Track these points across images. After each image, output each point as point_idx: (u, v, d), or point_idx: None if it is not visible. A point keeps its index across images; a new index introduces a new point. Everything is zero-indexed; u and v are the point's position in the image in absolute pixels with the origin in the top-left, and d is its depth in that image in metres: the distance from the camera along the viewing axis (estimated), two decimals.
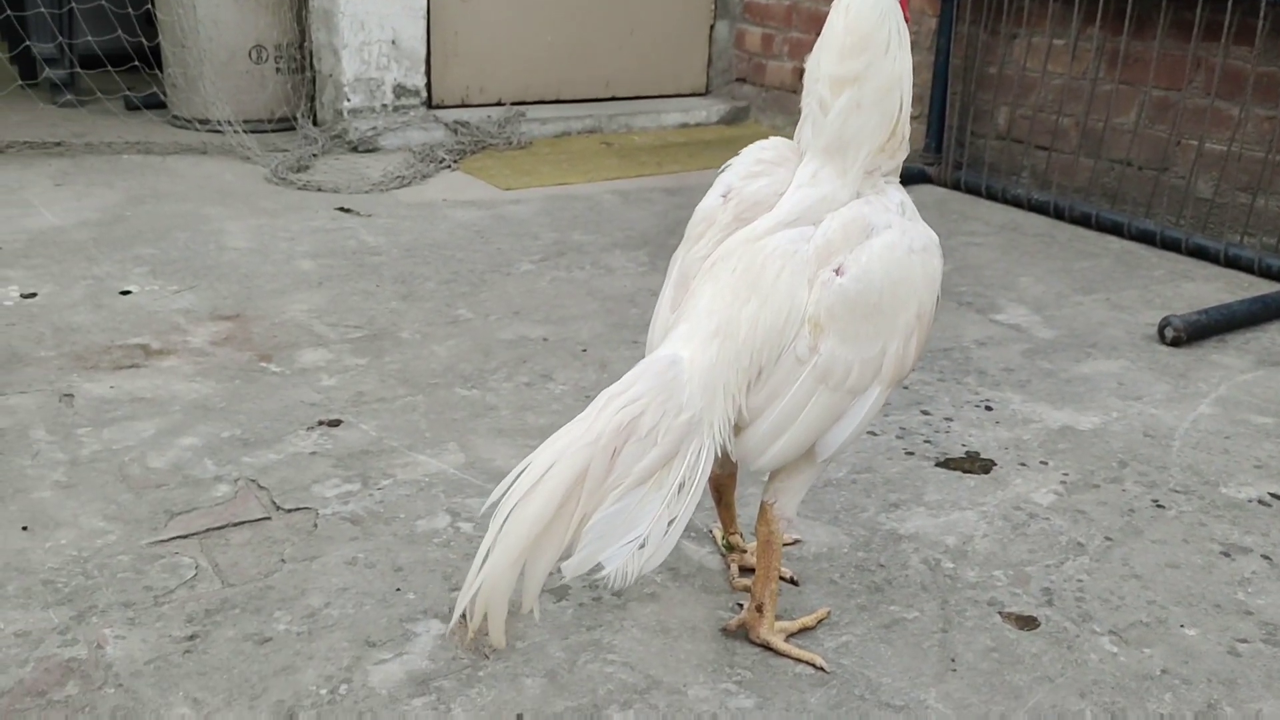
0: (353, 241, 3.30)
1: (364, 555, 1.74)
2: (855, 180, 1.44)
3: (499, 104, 4.87)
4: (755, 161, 1.51)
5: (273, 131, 4.55)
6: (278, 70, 4.60)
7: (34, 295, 2.74)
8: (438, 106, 4.73)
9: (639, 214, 3.72)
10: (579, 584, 1.68)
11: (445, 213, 3.64)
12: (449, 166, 4.23)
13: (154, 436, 2.08)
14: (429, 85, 4.67)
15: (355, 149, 4.38)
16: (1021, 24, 3.96)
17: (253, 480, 1.95)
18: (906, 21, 1.44)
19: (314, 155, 4.23)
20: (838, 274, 1.38)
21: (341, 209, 3.62)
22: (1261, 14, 3.23)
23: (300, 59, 4.64)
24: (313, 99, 4.65)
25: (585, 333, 2.69)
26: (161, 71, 4.71)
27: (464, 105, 4.81)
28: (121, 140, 4.27)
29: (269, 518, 1.84)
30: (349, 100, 4.47)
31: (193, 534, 1.78)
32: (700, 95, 5.39)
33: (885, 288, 1.39)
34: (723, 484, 1.69)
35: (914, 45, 4.29)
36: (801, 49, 4.91)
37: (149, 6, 4.55)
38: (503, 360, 2.51)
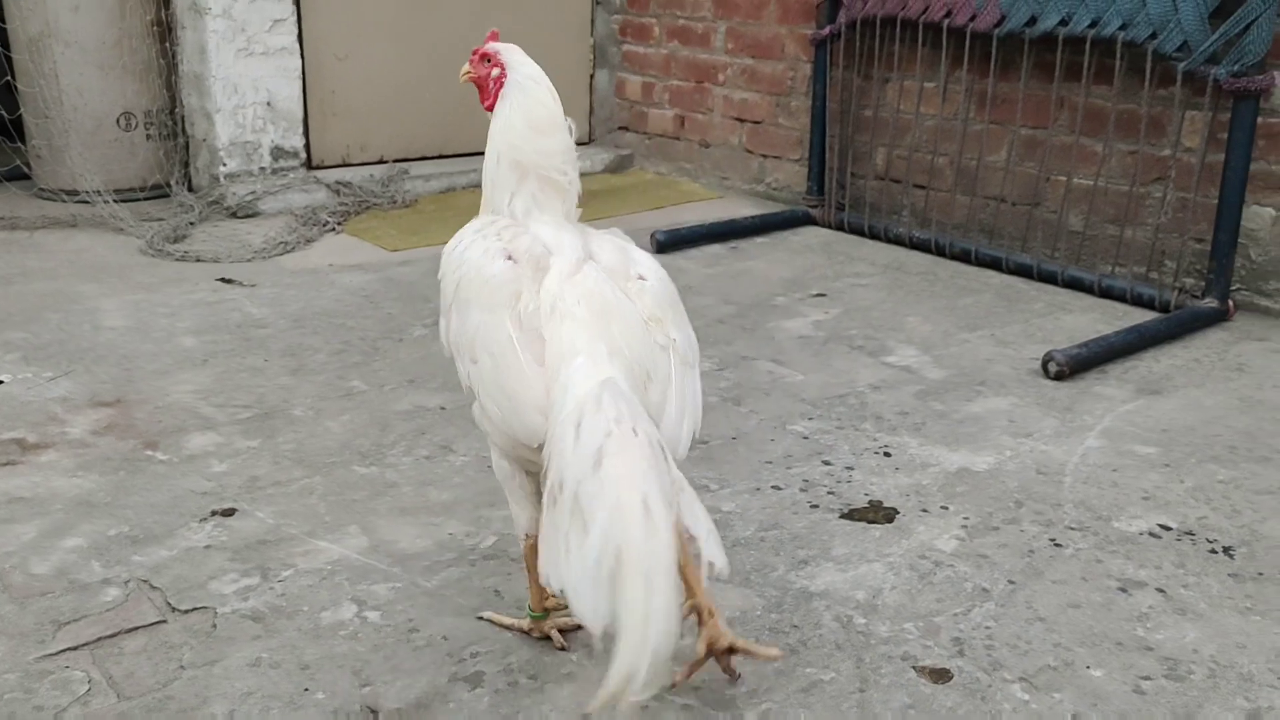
0: (236, 314, 3.21)
1: (268, 655, 1.67)
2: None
3: (381, 162, 4.82)
4: (498, 231, 1.63)
5: (146, 200, 4.41)
6: (148, 137, 4.47)
7: None
8: (318, 167, 4.66)
9: None
10: (494, 669, 1.65)
11: (332, 278, 3.58)
12: (333, 229, 4.16)
13: (35, 540, 1.98)
14: (308, 146, 4.59)
15: (234, 215, 4.27)
16: (893, 68, 4.09)
17: (144, 581, 1.86)
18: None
19: (191, 223, 4.12)
20: (642, 279, 1.60)
21: (223, 279, 3.52)
22: (1118, 54, 3.39)
23: (172, 124, 4.52)
24: (187, 165, 4.53)
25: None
26: (24, 143, 4.53)
27: (345, 164, 4.74)
28: None
29: (164, 620, 1.76)
30: (225, 165, 4.36)
31: (83, 644, 1.69)
32: (585, 144, 5.42)
33: (667, 281, 1.64)
34: None
35: (790, 91, 4.41)
36: (681, 96, 4.98)
37: (7, 78, 4.37)
38: (400, 433, 2.46)
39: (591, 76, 5.38)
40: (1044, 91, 3.68)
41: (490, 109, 1.72)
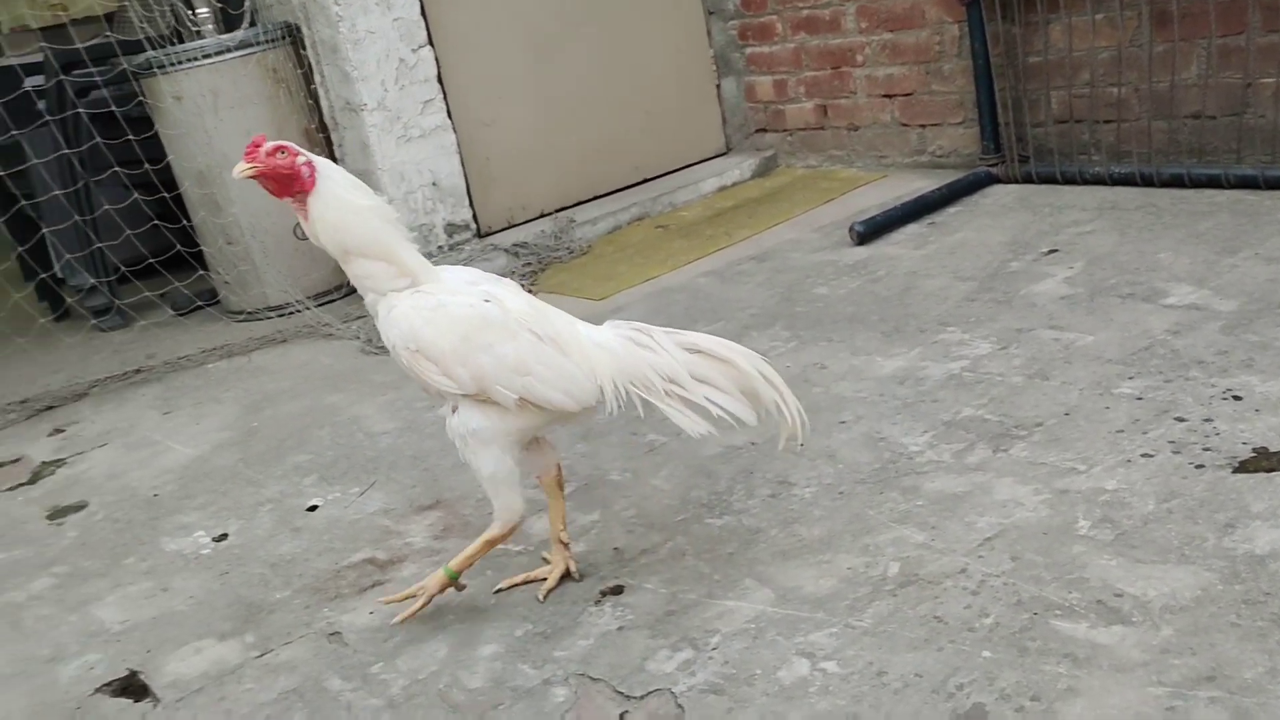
0: None
1: None
2: None
3: (543, 215, 4.84)
4: (444, 290, 1.95)
5: (337, 299, 4.49)
6: None
7: (225, 537, 2.65)
8: (488, 234, 4.70)
9: (745, 291, 3.68)
10: (991, 699, 1.60)
11: None
12: (529, 290, 4.16)
13: (451, 654, 1.99)
14: (475, 216, 4.63)
15: None
16: (1056, 8, 3.98)
17: (581, 674, 1.86)
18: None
19: None
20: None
21: None
22: None
23: None
24: None
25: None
26: (205, 270, 4.65)
27: (510, 226, 4.78)
28: (197, 350, 4.20)
29: (626, 711, 1.75)
30: None
31: None
32: (723, 155, 5.39)
33: None
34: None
35: (939, 56, 4.31)
36: (819, 85, 4.92)
37: (182, 219, 4.50)
38: (728, 477, 2.44)
39: (718, 87, 5.35)
40: None
41: (306, 192, 1.88)
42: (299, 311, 4.29)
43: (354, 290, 4.48)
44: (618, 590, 2.09)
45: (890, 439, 2.45)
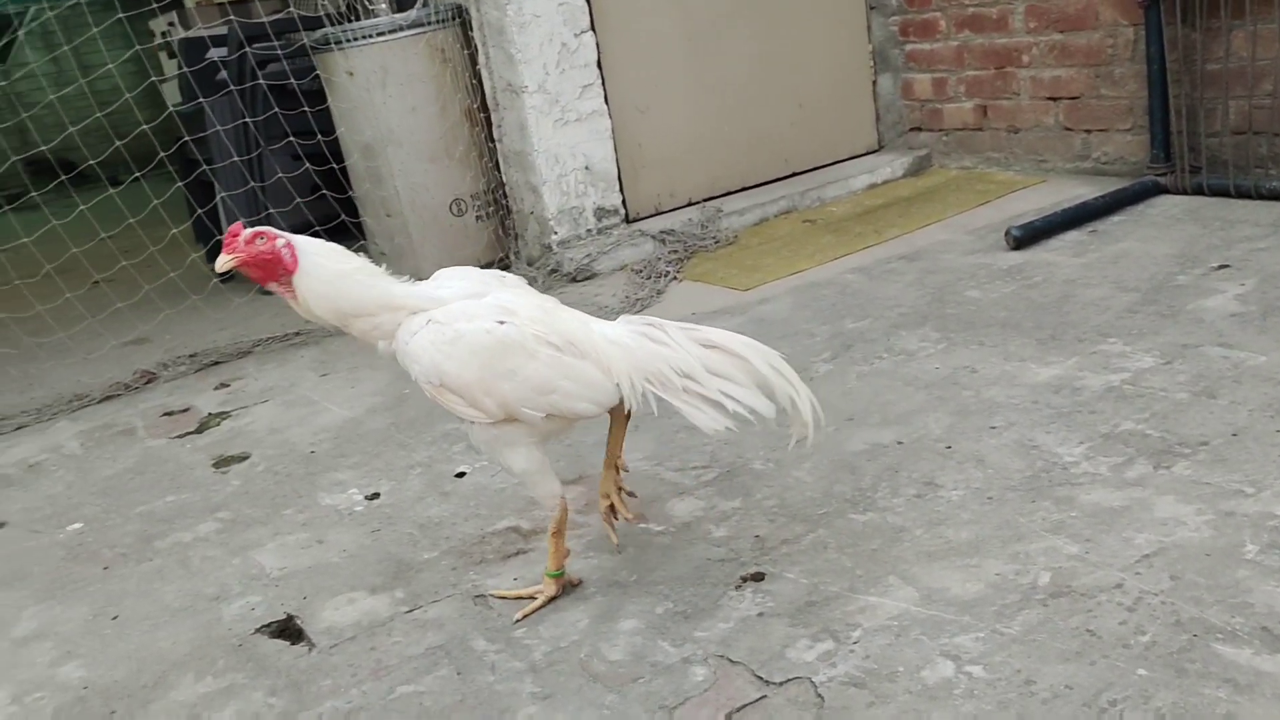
0: None
1: None
2: None
3: (690, 204, 4.87)
4: (458, 316, 1.96)
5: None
6: (477, 218, 4.68)
7: (377, 496, 2.75)
8: (635, 220, 4.74)
9: (894, 289, 3.63)
10: (1146, 718, 1.56)
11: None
12: (674, 278, 4.21)
13: (591, 625, 2.04)
14: (624, 202, 4.68)
15: (574, 279, 4.40)
16: (1243, 14, 3.80)
17: (720, 656, 1.88)
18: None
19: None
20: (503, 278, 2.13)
21: None
22: None
23: (495, 203, 4.70)
24: (516, 237, 4.70)
25: (935, 427, 2.59)
26: (365, 240, 4.82)
27: (657, 213, 4.82)
28: None
29: (765, 696, 1.76)
30: (555, 233, 4.50)
31: None
32: (875, 153, 5.32)
33: None
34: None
35: (1111, 59, 4.16)
36: (980, 85, 4.81)
37: (347, 190, 4.67)
38: (873, 474, 2.42)
39: (874, 83, 5.28)
40: None
41: (291, 273, 1.93)
42: None
43: (505, 266, 4.60)
44: (759, 577, 2.10)
45: (1044, 448, 2.40)
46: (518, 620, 2.09)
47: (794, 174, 5.13)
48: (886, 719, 1.65)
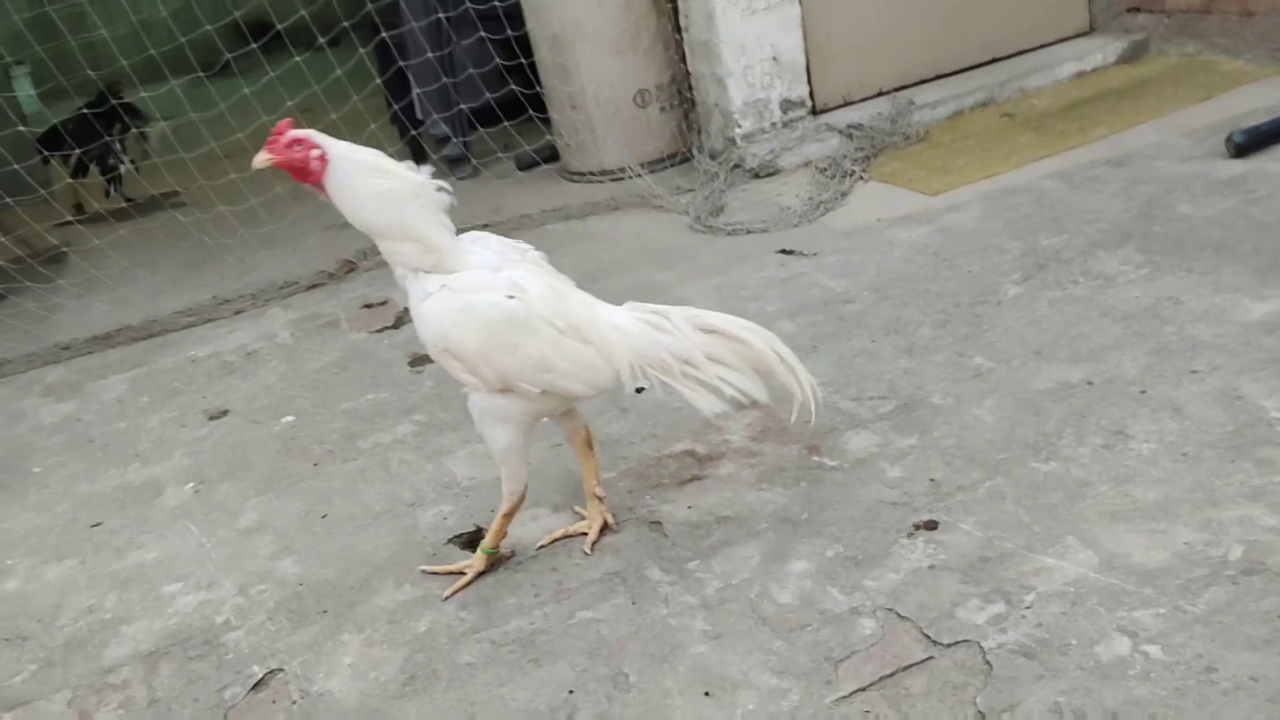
0: (816, 290, 3.24)
1: (1064, 699, 1.64)
2: None
3: (879, 94, 4.68)
4: (468, 285, 2.01)
5: (667, 169, 4.60)
6: (661, 110, 4.64)
7: None
8: (821, 111, 4.60)
9: (1096, 201, 3.43)
10: None
11: (888, 236, 3.51)
12: (860, 178, 4.09)
13: (763, 564, 2.09)
14: (811, 93, 4.54)
15: (756, 175, 4.34)
16: None
17: (890, 610, 1.90)
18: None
19: (721, 191, 4.22)
20: (524, 249, 2.19)
21: (783, 251, 3.57)
22: None
23: (680, 95, 4.64)
24: (698, 131, 4.65)
25: (1129, 367, 2.48)
26: (548, 126, 4.86)
27: (845, 104, 4.66)
28: (538, 209, 4.44)
29: (932, 657, 1.78)
30: (739, 126, 4.42)
31: (869, 685, 1.75)
32: (1085, 35, 4.95)
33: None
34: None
35: None
36: None
37: (535, 84, 4.70)
38: (1059, 418, 2.35)
39: None
40: None
41: (319, 182, 1.98)
42: (631, 178, 4.42)
43: (686, 159, 4.57)
44: (932, 526, 2.10)
45: (1249, 399, 2.27)
46: (446, 598, 2.17)
47: (993, 60, 4.84)
48: (1055, 695, 1.65)
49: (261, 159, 2.03)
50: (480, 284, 2.02)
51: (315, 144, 2.01)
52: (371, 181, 1.99)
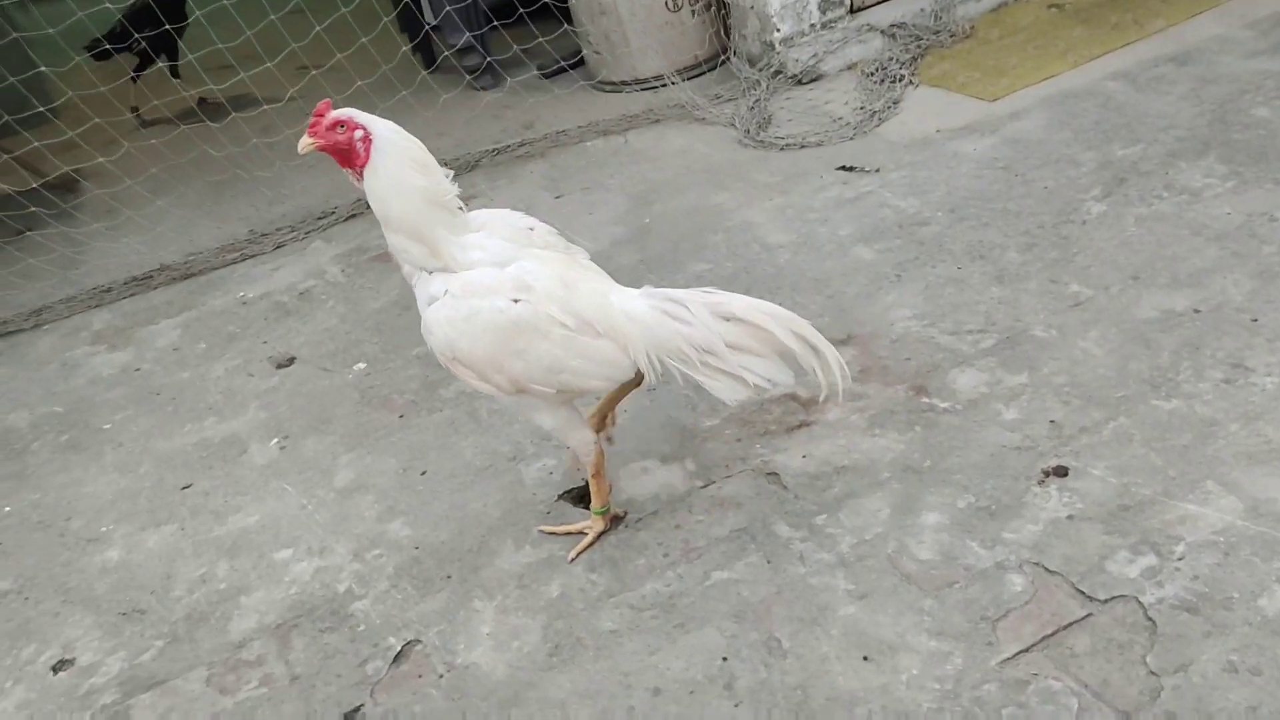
0: (886, 210, 3.17)
1: (1237, 658, 1.66)
2: None
3: None
4: (472, 289, 1.94)
5: (702, 75, 4.46)
6: (694, 13, 4.47)
7: None
8: (859, 9, 4.44)
9: (1165, 104, 3.35)
10: None
11: (952, 149, 3.43)
12: (910, 83, 3.98)
13: (894, 517, 2.09)
14: None
15: (799, 81, 4.21)
16: None
17: (1036, 564, 1.91)
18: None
19: (764, 100, 4.10)
20: (531, 229, 2.07)
21: (843, 168, 3.49)
22: None
23: None
24: (735, 35, 4.49)
25: (1235, 293, 2.45)
26: (568, 19, 4.68)
27: (884, 0, 4.49)
28: (574, 125, 4.31)
29: (1091, 614, 1.79)
30: (778, 30, 4.27)
31: (1031, 646, 1.77)
32: None
33: (539, 223, 2.11)
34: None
35: None
36: None
37: None
38: (1171, 350, 2.33)
39: None
40: None
41: (362, 167, 1.90)
42: (667, 85, 4.29)
43: (723, 64, 4.42)
44: (1061, 472, 2.09)
45: None
46: (571, 559, 2.17)
47: None
48: (1227, 653, 1.67)
49: (305, 144, 1.93)
50: (485, 287, 1.93)
51: (359, 124, 1.91)
52: (409, 174, 1.91)
